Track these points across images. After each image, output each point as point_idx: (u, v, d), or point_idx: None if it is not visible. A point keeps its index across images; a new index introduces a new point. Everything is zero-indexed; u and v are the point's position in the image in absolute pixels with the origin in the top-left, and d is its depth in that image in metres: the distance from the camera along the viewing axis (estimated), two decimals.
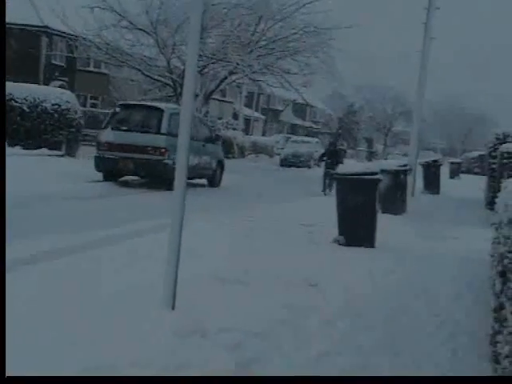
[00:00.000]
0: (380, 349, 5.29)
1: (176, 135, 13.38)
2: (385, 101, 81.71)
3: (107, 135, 16.94)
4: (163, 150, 16.37)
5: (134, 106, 18.77)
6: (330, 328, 5.70)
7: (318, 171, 25.91)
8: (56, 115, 20.78)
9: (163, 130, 16.73)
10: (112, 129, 17.07)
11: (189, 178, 14.38)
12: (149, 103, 20.33)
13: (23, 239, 7.76)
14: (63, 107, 21.26)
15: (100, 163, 16.81)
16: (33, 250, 7.43)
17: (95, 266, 6.79)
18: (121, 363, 4.16)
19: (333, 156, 20.69)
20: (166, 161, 16.27)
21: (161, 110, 17.19)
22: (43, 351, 4.18)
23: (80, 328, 4.69)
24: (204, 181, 19.63)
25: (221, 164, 20.26)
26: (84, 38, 28.33)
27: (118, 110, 17.70)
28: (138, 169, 14.54)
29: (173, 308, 5.32)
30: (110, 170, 16.99)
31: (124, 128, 16.90)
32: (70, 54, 35.43)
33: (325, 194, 19.27)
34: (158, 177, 16.43)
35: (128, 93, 37.19)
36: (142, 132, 16.82)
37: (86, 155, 21.81)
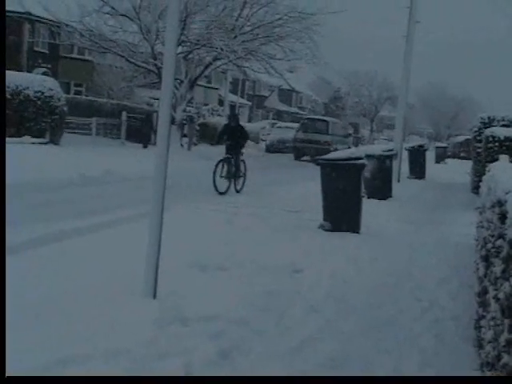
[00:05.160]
0: (364, 335, 5.25)
1: (335, 135, 32.82)
2: (371, 86, 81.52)
3: (299, 135, 31.87)
4: (330, 142, 30.65)
5: (313, 119, 35.89)
6: (314, 314, 5.65)
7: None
8: (39, 102, 20.46)
9: (329, 132, 31.86)
10: (302, 131, 31.95)
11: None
12: (320, 117, 39.34)
13: None
14: (46, 94, 20.95)
15: (295, 150, 32.00)
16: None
17: None
18: (99, 353, 4.08)
19: (234, 135, 14.79)
20: (330, 148, 28.18)
21: (327, 121, 33.70)
22: (23, 340, 4.09)
23: (59, 318, 4.60)
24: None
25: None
26: (67, 25, 27.99)
27: (305, 121, 34.05)
28: (314, 152, 22.30)
29: (154, 297, 5.26)
30: (301, 154, 31.26)
31: (308, 131, 31.53)
32: (53, 41, 35.08)
33: (220, 193, 13.67)
34: None
35: (113, 80, 36.83)
36: (317, 133, 31.36)
37: (72, 143, 21.59)
